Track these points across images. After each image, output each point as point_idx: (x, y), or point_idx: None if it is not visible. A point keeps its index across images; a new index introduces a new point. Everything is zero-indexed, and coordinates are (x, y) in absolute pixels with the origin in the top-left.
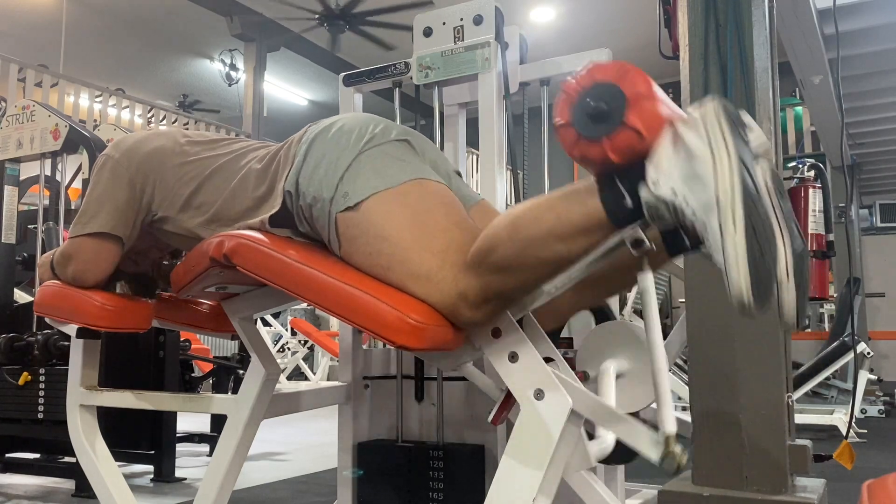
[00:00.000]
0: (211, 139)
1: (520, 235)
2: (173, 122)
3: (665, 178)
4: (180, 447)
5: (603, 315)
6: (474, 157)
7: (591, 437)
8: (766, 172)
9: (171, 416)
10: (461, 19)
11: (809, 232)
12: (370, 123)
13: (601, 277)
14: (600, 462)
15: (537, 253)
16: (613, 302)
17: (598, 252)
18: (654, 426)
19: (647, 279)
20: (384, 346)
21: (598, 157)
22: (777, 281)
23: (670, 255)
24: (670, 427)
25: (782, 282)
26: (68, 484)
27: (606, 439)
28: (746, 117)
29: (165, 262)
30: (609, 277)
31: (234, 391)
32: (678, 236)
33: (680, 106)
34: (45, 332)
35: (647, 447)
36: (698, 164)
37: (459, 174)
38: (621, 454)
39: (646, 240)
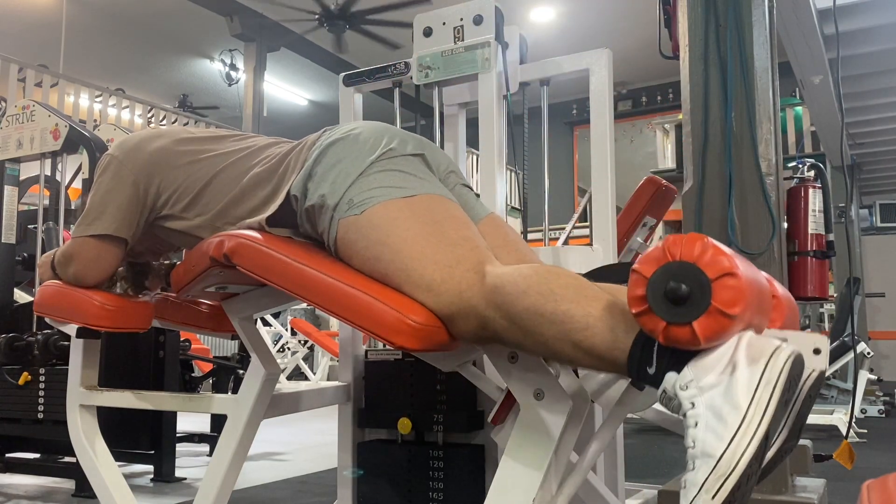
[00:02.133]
0: (216, 136)
1: (544, 311)
2: (173, 122)
3: (695, 390)
4: (180, 447)
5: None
6: (474, 157)
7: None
8: (810, 381)
9: (171, 416)
10: (461, 19)
11: (809, 232)
12: (385, 135)
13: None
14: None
15: (547, 340)
16: None
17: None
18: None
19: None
20: (384, 346)
21: (648, 328)
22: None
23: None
24: None
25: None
26: (68, 484)
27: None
28: (822, 341)
29: (165, 263)
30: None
31: (234, 391)
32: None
33: (680, 106)
34: (45, 332)
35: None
36: (729, 409)
37: (469, 187)
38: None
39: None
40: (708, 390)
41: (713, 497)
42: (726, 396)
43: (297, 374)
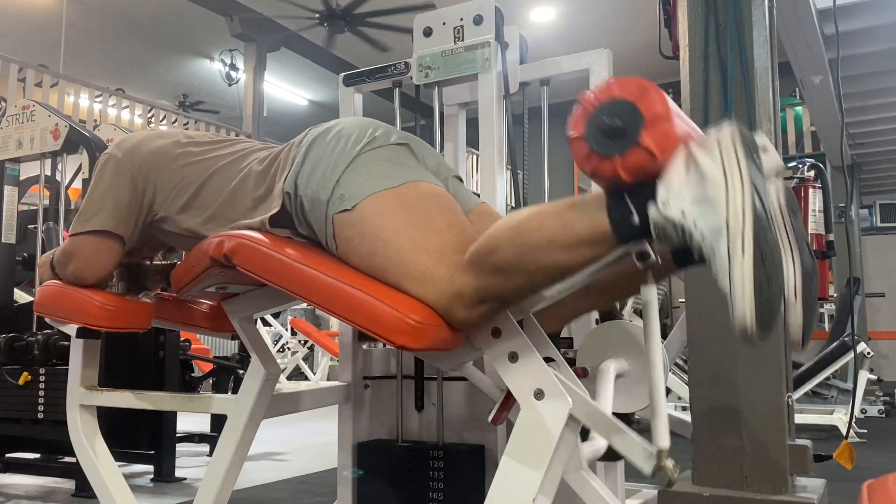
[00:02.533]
0: (213, 140)
1: (522, 239)
2: (173, 122)
3: (675, 199)
4: (180, 447)
5: (608, 314)
6: (474, 157)
7: (583, 438)
8: (779, 191)
9: (171, 416)
10: (461, 19)
11: (809, 232)
12: (369, 127)
13: (604, 285)
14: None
15: (538, 259)
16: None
17: (600, 263)
18: (650, 437)
19: (651, 291)
20: (384, 346)
21: (609, 174)
22: (784, 301)
23: (678, 267)
24: (663, 442)
25: (790, 302)
26: (68, 484)
27: (598, 442)
28: (762, 138)
29: (162, 262)
30: (612, 285)
31: (234, 391)
32: (687, 251)
33: (680, 105)
34: (45, 332)
35: (640, 459)
36: (710, 187)
37: (460, 179)
38: (613, 452)
39: (652, 253)
40: (685, 191)
41: (743, 255)
42: (701, 181)
43: (297, 374)
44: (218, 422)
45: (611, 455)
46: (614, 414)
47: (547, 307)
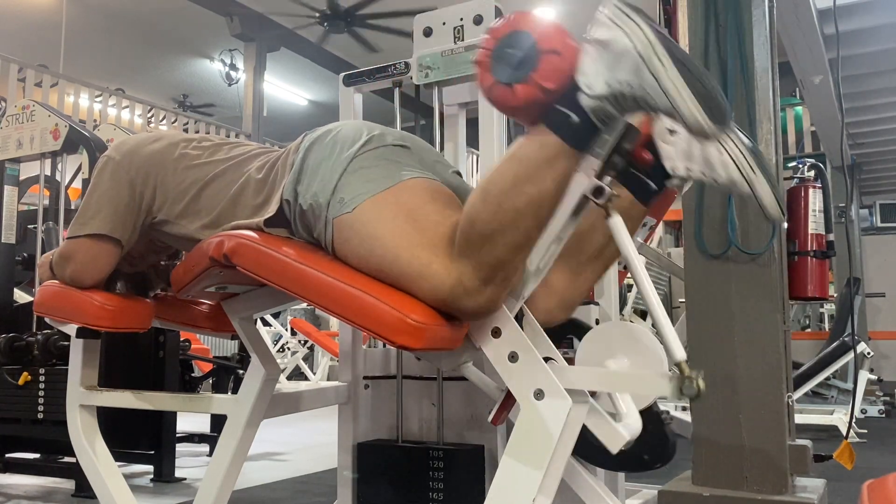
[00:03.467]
0: (213, 143)
1: (491, 195)
2: (173, 122)
3: (595, 77)
4: (180, 447)
5: (580, 330)
6: (474, 157)
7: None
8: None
9: (171, 416)
10: (461, 19)
11: (809, 232)
12: (364, 129)
13: (588, 249)
14: (633, 464)
15: (513, 203)
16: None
17: (568, 205)
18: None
19: (617, 224)
20: (384, 346)
21: (535, 93)
22: (747, 179)
23: (641, 200)
24: (679, 354)
25: (751, 178)
26: (68, 484)
27: (631, 415)
28: None
29: (163, 263)
30: (597, 245)
31: (234, 391)
32: (640, 180)
33: None
34: (45, 332)
35: (663, 385)
36: (615, 45)
37: (459, 174)
38: (654, 453)
39: (604, 186)
40: (599, 66)
41: (664, 66)
42: (606, 48)
43: (297, 374)
44: (218, 422)
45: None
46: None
47: (549, 296)
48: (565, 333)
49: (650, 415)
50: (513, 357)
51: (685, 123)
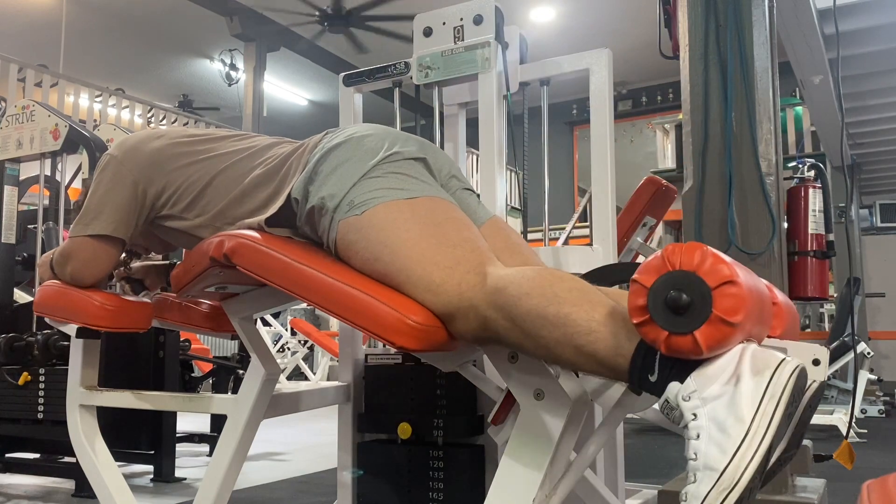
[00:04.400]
0: (218, 136)
1: (546, 313)
2: (173, 122)
3: (697, 401)
4: (180, 447)
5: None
6: (474, 157)
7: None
8: (811, 391)
9: (171, 416)
10: (461, 19)
11: (809, 232)
12: (388, 138)
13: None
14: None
15: (550, 341)
16: None
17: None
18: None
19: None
20: (384, 346)
21: (650, 338)
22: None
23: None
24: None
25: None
26: (68, 484)
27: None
28: (821, 351)
29: (163, 263)
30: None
31: (234, 391)
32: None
33: (680, 106)
34: (45, 332)
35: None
36: (733, 421)
37: (473, 191)
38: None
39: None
40: (711, 401)
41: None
42: (730, 408)
43: (297, 374)
44: (218, 422)
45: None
46: None
47: None
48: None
49: None
50: (513, 357)
51: None
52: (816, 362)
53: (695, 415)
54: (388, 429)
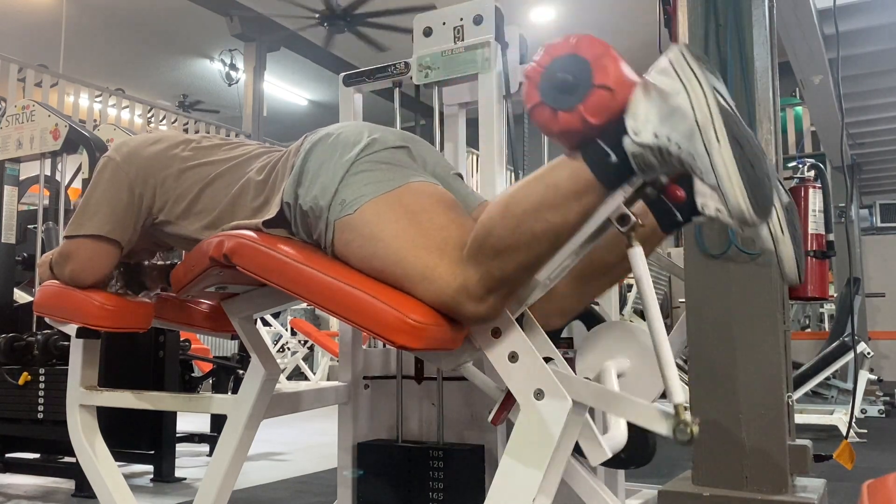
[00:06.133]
0: (213, 143)
1: (512, 212)
2: (173, 122)
3: (644, 124)
4: (180, 447)
5: (593, 319)
6: (474, 157)
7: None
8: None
9: (171, 416)
10: (461, 19)
11: (809, 232)
12: (365, 131)
13: (599, 266)
14: (610, 461)
15: (532, 227)
16: (609, 301)
17: (589, 229)
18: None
19: (637, 254)
20: (384, 346)
21: (578, 125)
22: (773, 237)
23: (664, 230)
24: (678, 397)
25: (778, 237)
26: (68, 484)
27: (619, 429)
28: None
29: (163, 263)
30: (606, 264)
31: (234, 391)
32: (668, 210)
33: None
34: (45, 332)
35: (658, 422)
36: (673, 99)
37: (461, 176)
38: (633, 454)
39: (630, 214)
40: (651, 114)
41: (719, 143)
42: (663, 99)
43: (297, 374)
44: (218, 422)
45: (631, 455)
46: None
47: (549, 302)
48: (579, 318)
49: None
50: (513, 357)
51: (727, 207)
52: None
53: (654, 133)
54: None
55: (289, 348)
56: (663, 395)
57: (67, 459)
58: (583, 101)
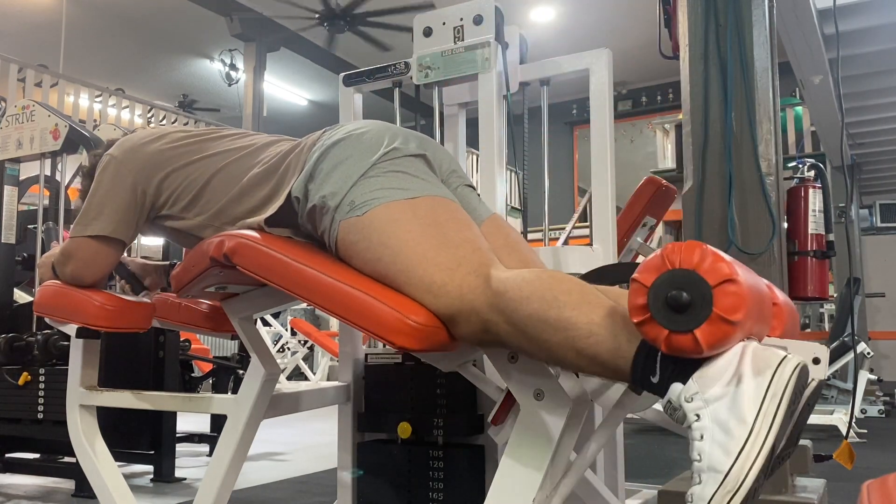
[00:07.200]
0: (216, 135)
1: (547, 317)
2: (173, 122)
3: (700, 402)
4: (180, 447)
5: None
6: (474, 157)
7: None
8: (811, 390)
9: (171, 416)
10: (461, 19)
11: (809, 232)
12: (388, 135)
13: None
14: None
15: (550, 345)
16: None
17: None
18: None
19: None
20: (384, 346)
21: (650, 337)
22: None
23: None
24: None
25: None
26: (68, 484)
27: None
28: (821, 350)
29: (157, 262)
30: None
31: (234, 391)
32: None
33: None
34: (45, 332)
35: None
36: (736, 422)
37: (473, 187)
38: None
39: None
40: (713, 402)
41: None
42: (732, 409)
43: (297, 374)
44: (218, 422)
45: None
46: None
47: None
48: None
49: None
50: (513, 357)
51: None
52: (816, 361)
53: (697, 416)
54: (388, 428)
55: (289, 348)
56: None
57: (67, 459)
58: (699, 326)
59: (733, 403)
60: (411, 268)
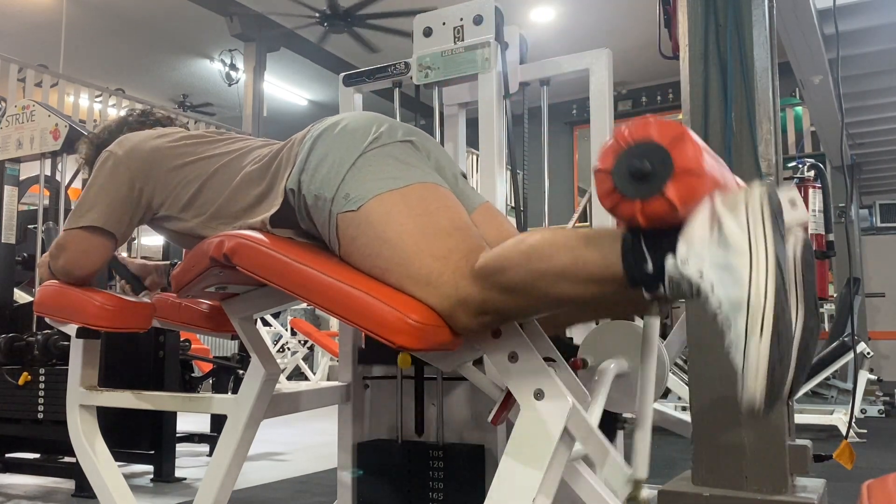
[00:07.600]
0: (213, 139)
1: (532, 266)
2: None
3: (695, 259)
4: (180, 447)
5: (568, 349)
6: (474, 157)
7: None
8: (797, 244)
9: (171, 416)
10: (461, 19)
11: (809, 232)
12: (374, 123)
13: (605, 305)
14: None
15: (545, 288)
16: None
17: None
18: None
19: (653, 325)
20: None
21: (627, 215)
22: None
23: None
24: (641, 472)
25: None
26: (68, 484)
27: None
28: (791, 192)
29: (157, 262)
30: (613, 305)
31: (234, 391)
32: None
33: (680, 106)
34: (45, 332)
35: (618, 481)
36: (734, 256)
37: (464, 175)
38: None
39: (664, 290)
40: (706, 253)
41: (761, 335)
42: (725, 247)
43: (297, 374)
44: (218, 422)
45: None
46: (606, 412)
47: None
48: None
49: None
50: (513, 357)
51: (741, 391)
52: (793, 203)
53: (700, 273)
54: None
55: (289, 348)
56: (664, 395)
57: (67, 459)
58: (644, 199)
59: (723, 242)
60: (408, 260)
